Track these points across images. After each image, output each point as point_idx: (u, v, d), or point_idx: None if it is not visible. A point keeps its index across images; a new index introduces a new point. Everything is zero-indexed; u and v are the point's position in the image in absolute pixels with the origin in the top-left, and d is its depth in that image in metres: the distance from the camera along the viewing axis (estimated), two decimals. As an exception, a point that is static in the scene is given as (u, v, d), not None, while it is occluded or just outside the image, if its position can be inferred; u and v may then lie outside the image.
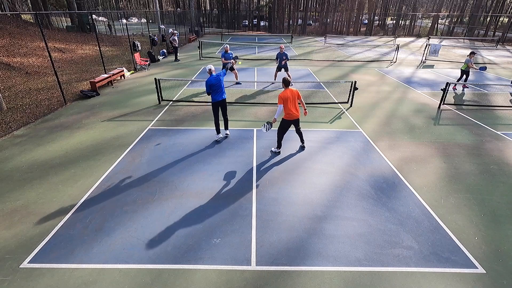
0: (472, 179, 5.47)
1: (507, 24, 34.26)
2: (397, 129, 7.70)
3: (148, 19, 24.54)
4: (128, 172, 5.53)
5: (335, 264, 3.59)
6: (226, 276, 3.41)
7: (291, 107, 5.88)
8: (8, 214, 4.38)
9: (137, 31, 29.83)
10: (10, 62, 12.41)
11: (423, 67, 16.65)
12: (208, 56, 18.68)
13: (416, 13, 45.62)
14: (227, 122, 7.00)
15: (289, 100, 5.84)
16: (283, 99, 5.81)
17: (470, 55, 11.36)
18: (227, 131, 7.09)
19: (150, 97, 10.08)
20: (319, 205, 4.66)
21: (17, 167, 5.66)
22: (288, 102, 5.85)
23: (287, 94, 5.83)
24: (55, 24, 23.14)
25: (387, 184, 5.27)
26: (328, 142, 6.91)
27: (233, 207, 4.58)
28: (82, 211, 4.47)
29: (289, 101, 5.85)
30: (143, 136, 7.09)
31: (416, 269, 3.54)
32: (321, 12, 45.50)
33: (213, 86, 6.33)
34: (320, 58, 18.95)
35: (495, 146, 6.81)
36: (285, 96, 5.81)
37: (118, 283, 3.30)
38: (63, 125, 7.71)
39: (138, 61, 14.84)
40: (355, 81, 9.45)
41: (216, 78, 6.34)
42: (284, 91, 5.86)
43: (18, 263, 3.55)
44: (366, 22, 47.17)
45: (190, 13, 31.11)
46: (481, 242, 3.97)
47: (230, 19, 46.32)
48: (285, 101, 5.84)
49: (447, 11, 58.10)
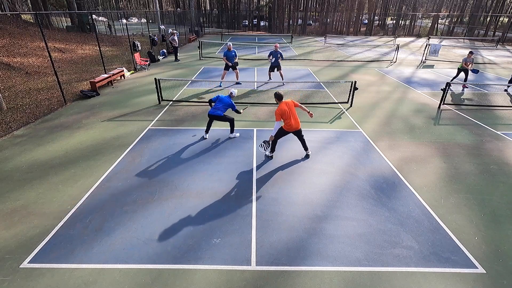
0: (472, 179, 5.47)
1: (507, 24, 34.26)
2: (397, 129, 7.70)
3: (148, 19, 24.52)
4: (128, 172, 5.53)
5: (335, 264, 3.59)
6: (226, 276, 3.41)
7: (290, 120, 5.59)
8: (8, 214, 4.38)
9: (137, 31, 29.84)
10: (10, 62, 12.41)
11: (423, 67, 16.65)
12: (208, 56, 18.68)
13: (416, 13, 45.62)
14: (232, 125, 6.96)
15: (287, 113, 5.53)
16: (281, 114, 5.50)
17: (469, 54, 11.49)
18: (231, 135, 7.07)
19: (150, 97, 10.08)
20: (319, 205, 4.66)
21: (17, 167, 5.66)
22: (286, 116, 5.54)
23: (283, 107, 5.52)
24: (55, 24, 23.14)
25: (387, 184, 5.27)
26: (328, 142, 6.91)
27: (233, 207, 4.58)
28: (82, 211, 4.47)
29: (287, 114, 5.54)
30: (143, 136, 7.09)
31: (416, 269, 3.54)
32: (321, 12, 45.48)
33: (216, 101, 6.76)
34: (320, 58, 18.95)
35: (495, 146, 6.81)
36: (282, 110, 5.50)
37: (118, 283, 3.30)
38: (63, 125, 7.71)
39: (138, 61, 14.84)
40: (355, 81, 9.45)
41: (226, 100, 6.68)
42: (280, 106, 5.55)
43: (18, 263, 3.55)
44: (366, 22, 47.15)
45: (190, 13, 31.10)
46: (481, 242, 3.97)
47: (230, 19, 46.32)
48: (283, 116, 5.53)
49: (447, 11, 58.08)
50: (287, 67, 15.82)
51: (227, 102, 6.67)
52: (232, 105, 6.71)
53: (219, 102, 6.70)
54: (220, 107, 6.65)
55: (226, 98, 6.71)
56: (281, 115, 5.52)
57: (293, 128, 5.69)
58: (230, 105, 6.70)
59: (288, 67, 15.87)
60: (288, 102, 5.66)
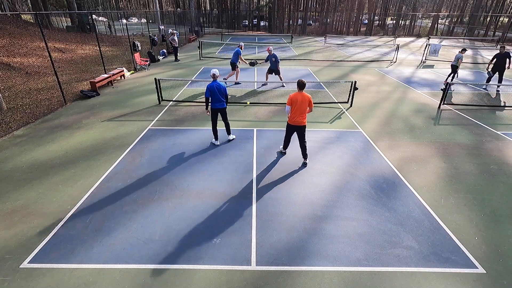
0: (472, 179, 5.47)
1: (507, 24, 34.25)
2: (397, 129, 7.70)
3: (148, 19, 24.53)
4: (128, 172, 5.53)
5: (335, 264, 3.59)
6: (226, 276, 3.41)
7: (296, 112, 5.51)
8: (8, 214, 4.38)
9: (137, 31, 29.85)
10: (10, 62, 12.41)
11: (423, 67, 16.65)
12: (208, 56, 18.68)
13: (416, 13, 45.61)
14: (228, 127, 6.76)
15: (296, 104, 5.46)
16: (291, 101, 5.49)
17: (462, 51, 11.64)
18: (229, 136, 6.88)
19: (150, 97, 10.08)
20: (319, 205, 4.66)
21: (17, 167, 5.66)
22: (294, 106, 5.49)
23: (297, 97, 5.44)
24: (55, 24, 23.15)
25: (387, 184, 5.27)
26: (328, 142, 6.91)
27: (233, 207, 4.58)
28: (82, 211, 4.47)
29: (296, 105, 5.47)
30: (143, 136, 7.09)
31: (416, 269, 3.54)
32: (321, 12, 45.49)
33: (212, 93, 6.19)
34: (320, 58, 18.95)
35: (495, 146, 6.81)
36: (294, 98, 5.45)
37: (118, 283, 3.30)
38: (63, 125, 7.71)
39: (138, 61, 14.84)
40: (355, 81, 9.45)
41: (217, 86, 6.14)
42: (295, 94, 5.48)
43: (18, 263, 3.54)
44: (366, 22, 47.16)
45: (190, 13, 31.11)
46: (481, 242, 3.97)
47: (230, 19, 46.32)
48: (292, 104, 5.50)
49: (447, 11, 58.09)
50: (287, 67, 15.82)
51: (222, 88, 6.20)
52: (225, 89, 6.27)
53: (217, 92, 6.17)
54: (220, 97, 6.23)
55: (218, 85, 6.16)
56: (292, 101, 5.49)
57: (296, 123, 5.59)
58: (224, 90, 6.25)
59: (288, 67, 15.87)
60: (305, 95, 5.48)
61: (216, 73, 6.16)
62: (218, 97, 6.21)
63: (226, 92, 6.31)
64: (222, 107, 6.32)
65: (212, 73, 6.16)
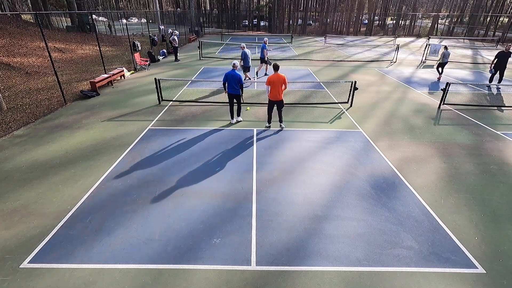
0: (472, 179, 5.47)
1: (507, 24, 34.27)
2: (397, 129, 7.70)
3: (148, 19, 24.51)
4: (128, 172, 5.53)
5: (335, 264, 3.59)
6: (226, 276, 3.41)
7: (274, 90, 6.87)
8: (8, 214, 4.38)
9: (137, 31, 29.85)
10: (10, 62, 12.41)
11: (423, 67, 16.65)
12: (208, 56, 18.68)
13: (416, 13, 45.61)
14: (238, 110, 7.89)
15: (274, 84, 6.80)
16: (269, 81, 6.82)
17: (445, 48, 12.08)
18: (238, 118, 7.99)
19: (150, 97, 10.08)
20: (319, 205, 4.66)
21: (17, 167, 5.66)
22: (272, 85, 6.83)
23: (273, 78, 6.77)
24: (55, 24, 23.14)
25: (387, 184, 5.27)
26: (328, 142, 6.91)
27: (233, 207, 4.58)
28: (82, 211, 4.47)
29: (274, 84, 6.81)
30: (143, 136, 7.09)
31: (416, 269, 3.54)
32: (321, 12, 45.49)
33: (228, 80, 7.24)
34: (320, 58, 18.95)
35: (495, 146, 6.81)
36: (271, 79, 6.79)
37: (118, 283, 3.30)
38: (63, 125, 7.71)
39: (138, 61, 14.84)
40: (355, 81, 9.45)
41: (232, 74, 7.15)
42: (272, 75, 6.81)
43: (18, 263, 3.54)
44: (366, 22, 47.16)
45: (190, 13, 31.11)
46: (481, 242, 3.97)
47: (230, 19, 46.32)
48: (270, 83, 6.83)
49: (447, 11, 58.08)
50: (287, 67, 15.83)
51: (237, 77, 7.17)
52: (240, 79, 7.23)
53: (231, 80, 7.17)
54: (234, 85, 7.22)
55: (234, 74, 7.14)
56: (270, 82, 6.83)
57: (275, 98, 6.95)
58: (239, 79, 7.22)
59: (288, 67, 15.88)
60: (280, 76, 6.76)
61: (236, 63, 7.31)
62: (232, 84, 7.24)
63: (242, 81, 7.29)
64: (235, 92, 7.38)
65: (233, 63, 7.33)
